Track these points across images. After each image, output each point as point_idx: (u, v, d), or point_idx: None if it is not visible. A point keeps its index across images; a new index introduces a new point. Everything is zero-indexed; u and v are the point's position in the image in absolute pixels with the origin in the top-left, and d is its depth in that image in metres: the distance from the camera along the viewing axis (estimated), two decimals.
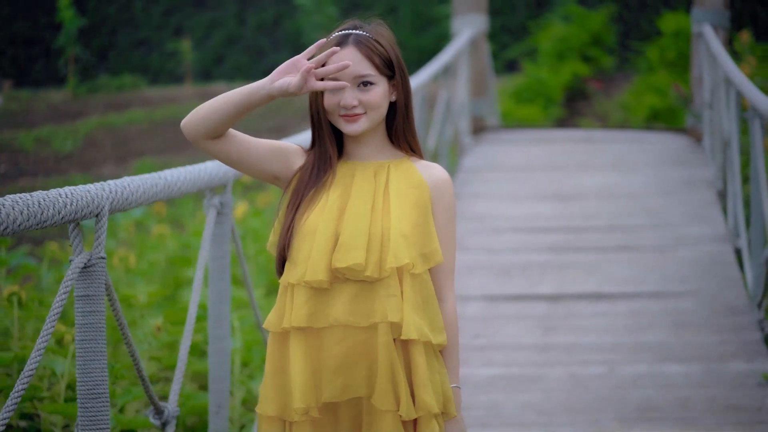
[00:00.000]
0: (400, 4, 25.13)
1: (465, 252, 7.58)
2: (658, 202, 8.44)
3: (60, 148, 18.08)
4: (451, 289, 2.73)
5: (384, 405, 2.59)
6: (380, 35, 2.67)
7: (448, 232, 2.71)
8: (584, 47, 17.26)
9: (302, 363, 2.60)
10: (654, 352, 5.60)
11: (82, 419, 2.86)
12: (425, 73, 8.46)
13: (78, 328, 2.89)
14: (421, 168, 2.70)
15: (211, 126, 2.60)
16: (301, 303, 2.61)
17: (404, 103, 2.70)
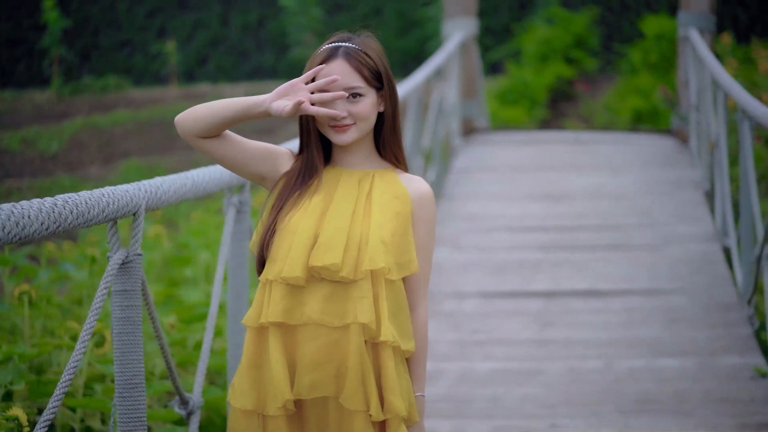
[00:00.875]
0: (385, 6, 25.24)
1: (459, 251, 7.75)
2: (647, 202, 8.63)
3: (46, 148, 18.06)
4: (424, 298, 2.78)
5: (353, 405, 2.63)
6: (369, 48, 2.73)
7: (426, 244, 2.76)
8: (567, 49, 17.43)
9: (279, 358, 2.66)
10: (649, 347, 5.77)
11: (121, 408, 3.00)
12: (419, 75, 8.61)
13: (116, 322, 3.02)
14: (404, 180, 2.77)
15: (206, 127, 2.68)
16: (277, 299, 2.66)
17: (392, 114, 2.76)
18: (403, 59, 24.92)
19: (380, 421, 2.67)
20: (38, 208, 2.46)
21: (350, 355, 2.63)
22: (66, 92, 23.86)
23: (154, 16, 28.22)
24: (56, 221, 2.51)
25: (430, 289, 6.79)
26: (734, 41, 12.96)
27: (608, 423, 4.82)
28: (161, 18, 28.04)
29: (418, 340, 2.73)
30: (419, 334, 2.74)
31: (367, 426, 2.64)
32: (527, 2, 22.05)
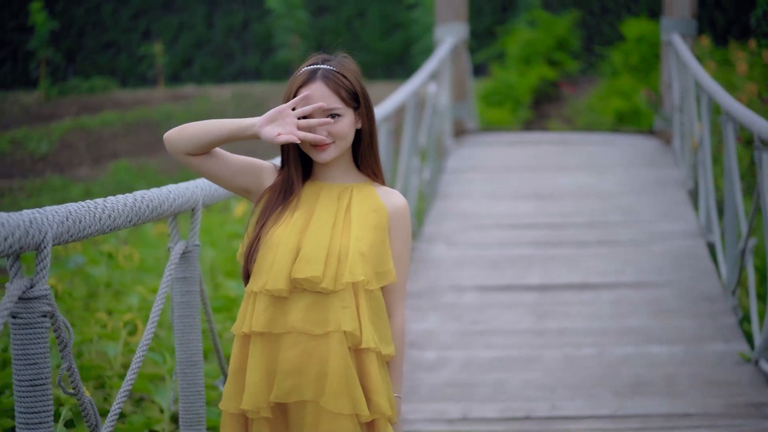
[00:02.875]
0: (369, 8, 25.55)
1: (455, 247, 8.13)
2: (632, 200, 9.03)
3: (35, 149, 18.13)
4: (401, 306, 2.90)
5: (337, 408, 2.74)
6: (346, 69, 2.84)
7: (403, 254, 2.88)
8: (550, 51, 17.75)
9: (257, 366, 2.77)
10: (639, 335, 6.16)
11: (182, 384, 3.35)
12: (416, 80, 8.99)
13: (176, 306, 3.37)
14: (381, 193, 2.88)
15: (196, 145, 2.77)
16: (261, 309, 2.77)
17: (369, 130, 2.87)
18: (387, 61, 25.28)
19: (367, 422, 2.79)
20: (123, 203, 2.79)
21: (331, 360, 2.73)
22: (54, 93, 24.02)
23: (139, 17, 28.38)
24: (137, 215, 2.85)
25: (431, 282, 7.21)
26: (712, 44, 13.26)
27: (604, 404, 5.19)
28: (146, 20, 28.22)
29: (396, 343, 2.86)
30: (397, 339, 2.86)
31: (354, 428, 2.76)
32: (510, 5, 22.42)
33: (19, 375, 2.34)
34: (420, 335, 6.36)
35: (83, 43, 28.28)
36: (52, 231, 2.38)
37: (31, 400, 2.35)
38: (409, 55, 23.62)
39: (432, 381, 5.63)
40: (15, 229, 2.24)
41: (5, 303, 2.26)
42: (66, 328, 2.45)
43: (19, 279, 2.32)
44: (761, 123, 5.40)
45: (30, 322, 2.34)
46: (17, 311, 2.32)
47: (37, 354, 2.34)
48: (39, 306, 2.34)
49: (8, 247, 2.22)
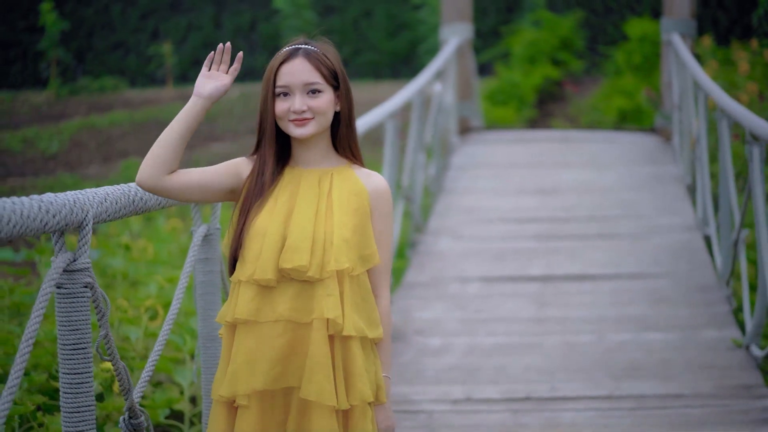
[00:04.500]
0: (375, 9, 25.80)
1: (460, 240, 8.40)
2: (631, 195, 9.31)
3: (46, 148, 18.31)
4: (386, 287, 2.90)
5: (315, 396, 2.75)
6: (327, 51, 2.86)
7: (385, 236, 2.87)
8: (554, 51, 17.99)
9: (237, 354, 2.79)
10: (636, 323, 6.41)
11: (204, 357, 3.61)
12: (422, 78, 9.27)
13: (199, 285, 3.64)
14: (361, 176, 2.88)
15: (167, 159, 2.76)
16: (248, 298, 2.78)
17: (348, 113, 2.87)
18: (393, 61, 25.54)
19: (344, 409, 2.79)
20: None
21: (310, 348, 2.76)
22: (64, 93, 24.28)
23: (148, 18, 28.63)
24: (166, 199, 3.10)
25: (437, 273, 7.48)
26: (714, 43, 13.47)
27: (601, 386, 5.44)
28: (155, 20, 28.49)
29: (383, 325, 2.86)
30: (384, 320, 2.86)
31: (327, 416, 2.77)
32: (514, 6, 22.67)
33: (63, 340, 2.60)
34: (426, 323, 6.62)
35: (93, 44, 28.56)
36: (93, 210, 2.63)
37: (74, 362, 2.60)
38: (416, 55, 23.87)
39: (437, 365, 5.89)
40: (62, 208, 2.50)
41: (52, 274, 2.51)
42: (103, 299, 2.71)
43: (64, 253, 2.57)
44: (752, 118, 5.66)
45: (73, 292, 2.59)
46: (62, 282, 2.58)
47: (79, 321, 2.60)
48: (81, 277, 2.60)
49: (56, 224, 2.48)
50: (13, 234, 2.27)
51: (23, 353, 2.38)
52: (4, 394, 2.33)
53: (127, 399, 2.95)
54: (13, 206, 2.30)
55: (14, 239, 2.30)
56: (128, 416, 3.00)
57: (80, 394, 2.60)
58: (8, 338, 4.48)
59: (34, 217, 2.37)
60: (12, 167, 17.46)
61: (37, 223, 2.39)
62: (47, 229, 2.45)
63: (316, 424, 2.76)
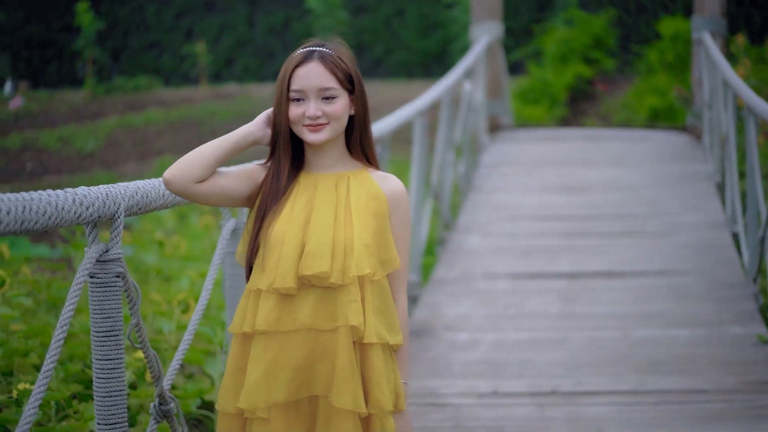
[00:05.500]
0: (407, 8, 25.87)
1: (489, 237, 8.49)
2: (660, 193, 9.36)
3: (82, 147, 18.48)
4: (403, 292, 2.85)
5: (342, 403, 2.70)
6: (342, 53, 2.79)
7: (402, 239, 2.83)
8: (586, 50, 17.97)
9: (256, 365, 2.73)
10: (661, 319, 6.47)
11: None
12: (451, 77, 9.36)
13: (227, 277, 3.75)
14: (378, 179, 2.83)
15: (204, 167, 2.73)
16: (269, 308, 2.72)
17: (363, 116, 2.82)
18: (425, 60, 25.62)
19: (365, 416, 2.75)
20: None
21: (339, 355, 2.71)
22: (100, 92, 24.51)
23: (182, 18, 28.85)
24: None
25: (465, 270, 7.57)
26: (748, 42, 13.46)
27: (625, 381, 5.52)
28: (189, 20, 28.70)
29: (401, 330, 2.82)
30: (402, 325, 2.82)
31: (355, 423, 2.73)
32: (547, 4, 22.69)
33: (96, 327, 2.70)
34: (454, 318, 6.71)
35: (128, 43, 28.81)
36: (125, 203, 2.74)
37: (106, 348, 2.71)
38: (447, 54, 23.94)
39: (464, 360, 5.98)
40: (95, 200, 2.61)
41: (85, 264, 2.62)
42: (135, 289, 2.81)
43: (97, 244, 2.67)
44: None
45: (105, 281, 2.69)
46: (95, 272, 2.68)
47: (111, 309, 2.70)
48: (113, 267, 2.70)
49: (89, 216, 2.58)
50: (48, 225, 2.37)
51: (58, 339, 2.49)
52: (39, 378, 2.44)
53: (158, 386, 3.05)
54: (49, 198, 2.40)
55: (50, 230, 2.41)
56: (158, 402, 3.10)
57: (112, 380, 2.71)
58: (45, 329, 4.61)
59: (69, 209, 2.47)
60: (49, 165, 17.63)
61: (71, 215, 2.49)
62: (81, 221, 2.55)
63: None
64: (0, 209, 2.20)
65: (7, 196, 2.25)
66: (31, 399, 2.41)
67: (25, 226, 2.29)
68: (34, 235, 11.28)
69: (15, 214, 2.25)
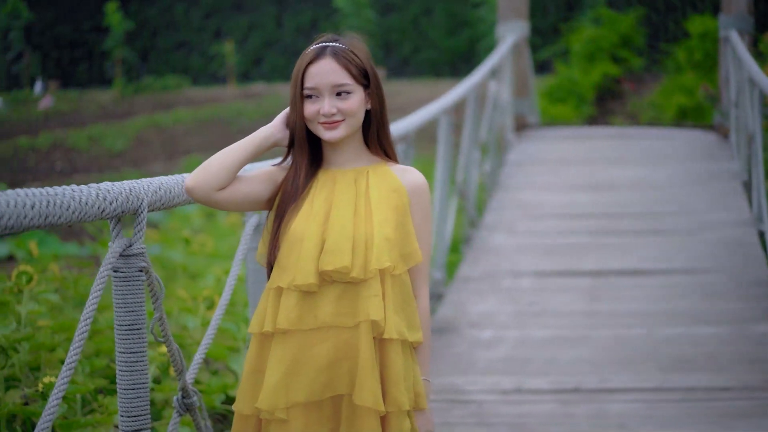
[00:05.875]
0: (435, 7, 25.89)
1: (514, 235, 8.50)
2: (686, 191, 9.35)
3: (111, 146, 18.58)
4: (425, 286, 2.80)
5: (363, 400, 2.65)
6: (355, 47, 2.74)
7: (424, 233, 2.78)
8: (614, 48, 17.93)
9: (276, 365, 2.68)
10: (687, 317, 6.47)
11: None
12: (477, 75, 9.38)
13: (250, 272, 3.81)
14: (398, 172, 2.79)
15: (227, 174, 2.70)
16: (290, 306, 2.68)
17: (379, 110, 2.77)
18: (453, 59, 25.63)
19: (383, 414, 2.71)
20: None
21: (361, 351, 2.66)
22: (129, 92, 24.66)
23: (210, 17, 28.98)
24: None
25: (491, 267, 7.59)
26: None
27: (649, 378, 5.51)
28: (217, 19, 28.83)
29: (422, 326, 2.77)
30: (423, 321, 2.77)
31: (375, 421, 2.67)
32: (575, 3, 22.65)
33: (119, 321, 2.74)
34: (479, 316, 6.73)
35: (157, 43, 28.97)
36: (148, 198, 2.77)
37: (129, 342, 2.74)
38: (475, 53, 23.94)
39: (488, 357, 5.99)
40: (118, 196, 2.64)
41: (109, 258, 2.66)
42: (158, 283, 2.85)
43: (120, 239, 2.71)
44: None
45: (129, 275, 2.73)
46: (118, 266, 2.72)
47: (134, 303, 2.74)
48: (136, 262, 2.74)
49: (112, 211, 2.62)
50: (72, 219, 2.41)
51: (81, 331, 2.53)
52: (63, 369, 2.48)
53: (181, 380, 3.09)
54: (73, 193, 2.44)
55: (73, 225, 2.44)
56: (181, 396, 3.14)
57: (135, 372, 2.75)
58: (72, 325, 4.66)
59: (92, 204, 2.51)
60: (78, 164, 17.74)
61: (95, 209, 2.52)
62: (104, 216, 2.59)
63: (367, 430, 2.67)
64: (25, 204, 2.24)
65: (32, 191, 2.28)
66: (55, 390, 2.46)
67: (50, 221, 2.32)
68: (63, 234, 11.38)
69: (39, 208, 2.28)
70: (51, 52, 29.36)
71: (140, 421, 2.76)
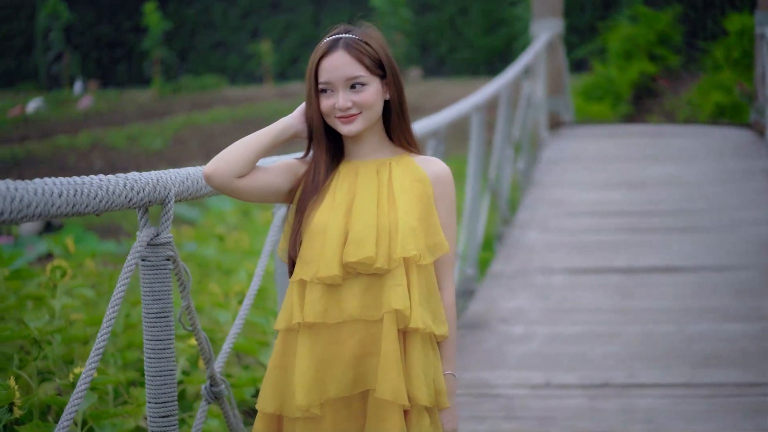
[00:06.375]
0: (472, 6, 25.90)
1: (547, 232, 8.53)
2: (719, 189, 9.34)
3: (149, 145, 18.72)
4: (450, 278, 2.74)
5: (381, 393, 2.60)
6: (369, 37, 2.68)
7: (449, 224, 2.72)
8: (651, 46, 17.87)
9: (306, 362, 2.63)
10: (717, 314, 6.46)
11: None
12: (510, 72, 9.40)
13: (279, 264, 3.84)
14: (421, 162, 2.74)
15: (245, 163, 2.66)
16: (315, 299, 2.63)
17: (398, 100, 2.72)
18: (490, 57, 25.62)
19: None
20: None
21: (384, 342, 2.60)
22: (167, 91, 24.84)
23: (248, 17, 29.13)
24: None
25: (523, 264, 7.61)
26: None
27: (678, 374, 5.52)
28: (255, 19, 28.98)
29: (447, 319, 2.71)
30: (448, 314, 2.71)
31: (399, 416, 2.61)
32: (612, 1, 22.58)
33: (147, 309, 2.80)
34: (510, 312, 6.76)
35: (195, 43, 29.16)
36: (175, 188, 2.83)
37: (156, 329, 2.80)
38: (512, 52, 23.93)
39: (519, 352, 6.02)
40: (145, 185, 2.70)
41: (137, 247, 2.71)
42: (185, 272, 2.90)
43: (148, 228, 2.77)
44: None
45: (156, 264, 2.79)
46: (146, 255, 2.77)
47: (161, 291, 2.80)
48: (164, 251, 2.79)
49: (140, 200, 2.67)
50: (99, 208, 2.46)
51: (109, 318, 2.58)
52: (91, 355, 2.54)
53: (209, 368, 3.15)
54: (100, 183, 2.49)
55: (100, 213, 2.49)
56: (209, 384, 3.20)
57: (162, 359, 2.80)
58: None
59: (119, 193, 2.56)
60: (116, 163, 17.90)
61: (122, 198, 2.57)
62: (131, 205, 2.64)
63: (391, 426, 2.61)
64: (52, 192, 2.28)
65: (59, 180, 2.33)
66: (83, 375, 2.51)
67: (77, 209, 2.37)
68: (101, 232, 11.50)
69: (66, 197, 2.33)
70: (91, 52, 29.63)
71: (167, 407, 2.81)
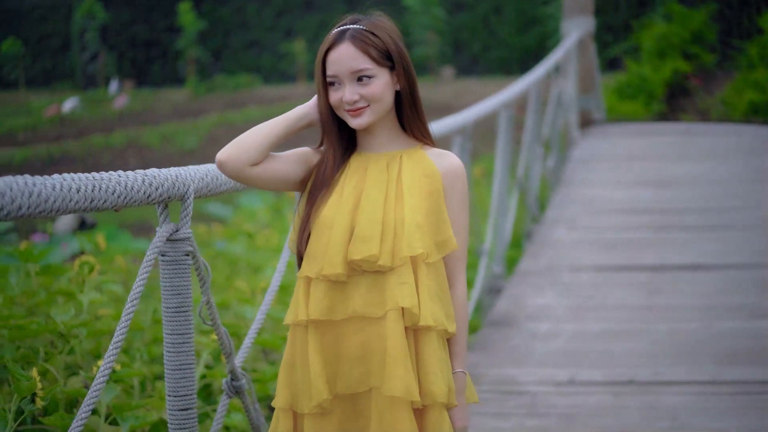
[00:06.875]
0: (505, 5, 25.86)
1: (575, 230, 8.54)
2: (748, 187, 9.32)
3: (183, 144, 18.82)
4: (462, 274, 2.69)
5: (391, 390, 2.55)
6: (377, 27, 2.61)
7: (460, 220, 2.66)
8: (685, 45, 17.79)
9: (316, 358, 2.61)
10: (744, 311, 6.45)
11: None
12: (539, 70, 9.41)
13: None
14: (433, 156, 2.68)
15: (258, 151, 2.63)
16: (320, 296, 2.61)
17: (409, 91, 2.66)
18: (523, 56, 25.57)
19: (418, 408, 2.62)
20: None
21: (389, 339, 2.56)
22: (201, 91, 24.96)
23: (282, 17, 29.21)
24: None
25: (550, 262, 7.62)
26: None
27: (704, 371, 5.52)
28: (288, 19, 29.06)
29: (459, 316, 2.66)
30: (459, 310, 2.66)
31: (409, 415, 2.57)
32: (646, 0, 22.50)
33: (166, 303, 2.84)
34: (536, 309, 6.77)
35: (229, 42, 29.29)
36: (194, 185, 2.87)
37: (175, 323, 2.85)
38: (545, 50, 23.87)
39: (544, 349, 6.04)
40: (164, 181, 2.74)
41: (156, 243, 2.76)
42: (205, 267, 2.94)
43: (167, 224, 2.81)
44: None
45: (175, 259, 2.83)
46: (165, 250, 2.82)
47: (181, 286, 2.84)
48: (183, 246, 2.84)
49: (159, 196, 2.72)
50: (117, 204, 2.50)
51: (128, 312, 2.63)
52: (111, 345, 2.59)
53: (229, 363, 3.19)
54: (119, 178, 2.54)
55: (119, 209, 2.54)
56: (230, 378, 3.24)
57: (181, 353, 2.85)
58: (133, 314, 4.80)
59: (138, 189, 2.60)
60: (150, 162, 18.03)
61: (141, 194, 2.62)
62: (150, 201, 2.68)
63: (400, 424, 2.56)
64: (70, 187, 2.32)
65: (78, 176, 2.37)
66: (102, 368, 2.55)
67: (95, 204, 2.41)
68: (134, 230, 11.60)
69: (85, 192, 2.37)
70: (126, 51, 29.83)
71: (186, 400, 2.86)
